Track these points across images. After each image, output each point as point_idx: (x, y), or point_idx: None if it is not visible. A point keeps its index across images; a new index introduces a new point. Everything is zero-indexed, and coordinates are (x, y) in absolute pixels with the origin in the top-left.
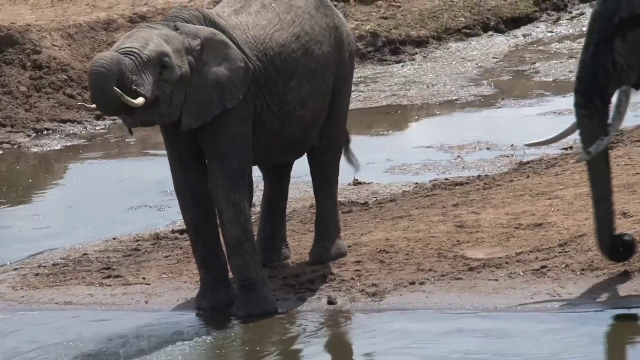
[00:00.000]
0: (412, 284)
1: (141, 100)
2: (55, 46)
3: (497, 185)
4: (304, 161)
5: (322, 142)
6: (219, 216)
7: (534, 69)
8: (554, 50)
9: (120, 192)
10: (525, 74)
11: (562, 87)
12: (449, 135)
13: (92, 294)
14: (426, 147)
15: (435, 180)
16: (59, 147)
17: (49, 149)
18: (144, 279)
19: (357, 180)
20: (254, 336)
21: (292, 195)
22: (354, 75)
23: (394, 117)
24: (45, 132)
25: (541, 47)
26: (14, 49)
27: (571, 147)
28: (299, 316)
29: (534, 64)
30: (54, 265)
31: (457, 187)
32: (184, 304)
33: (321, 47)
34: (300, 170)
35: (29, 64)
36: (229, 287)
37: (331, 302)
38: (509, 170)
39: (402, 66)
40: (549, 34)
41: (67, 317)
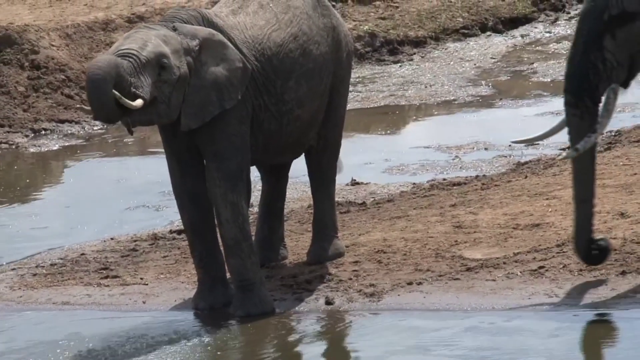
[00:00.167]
0: (409, 284)
1: (140, 102)
2: (53, 46)
3: (495, 185)
4: (302, 161)
5: (320, 142)
6: (217, 216)
7: (532, 69)
8: (552, 50)
9: (118, 193)
10: (523, 74)
11: (560, 88)
12: (446, 135)
13: (90, 294)
14: (424, 147)
15: (433, 180)
16: (56, 147)
17: (47, 149)
18: (142, 279)
19: (355, 180)
20: (252, 336)
21: (290, 195)
22: (351, 75)
23: (392, 117)
24: (43, 132)
25: (539, 48)
26: (12, 49)
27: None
28: (297, 316)
29: (532, 64)
30: (51, 265)
31: (455, 187)
32: (181, 304)
33: (319, 47)
34: (298, 170)
35: (27, 64)
36: (227, 287)
37: (329, 302)
38: (507, 170)
39: (400, 66)
40: (547, 35)
41: (64, 317)
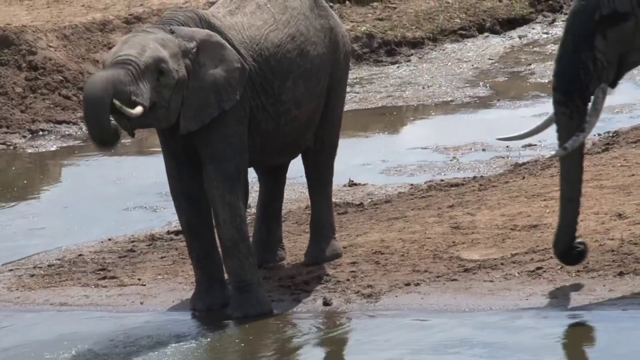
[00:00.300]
0: (407, 285)
1: (139, 109)
2: (50, 47)
3: (493, 186)
4: (299, 162)
5: (317, 143)
6: (214, 217)
7: (530, 70)
8: (550, 51)
9: (115, 194)
10: (520, 75)
11: None
12: (444, 136)
13: (88, 295)
14: (422, 148)
15: (430, 181)
16: (54, 148)
17: (44, 150)
18: (140, 280)
19: (352, 181)
20: (250, 337)
21: (288, 196)
22: (349, 76)
23: (390, 118)
24: (40, 133)
25: (537, 49)
26: (10, 50)
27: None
28: (295, 317)
29: (530, 65)
30: (49, 266)
31: (452, 188)
32: (179, 305)
33: (316, 47)
34: (296, 171)
35: (24, 65)
36: (225, 288)
37: (327, 303)
38: (505, 171)
39: (398, 67)
40: (545, 36)
41: (62, 317)
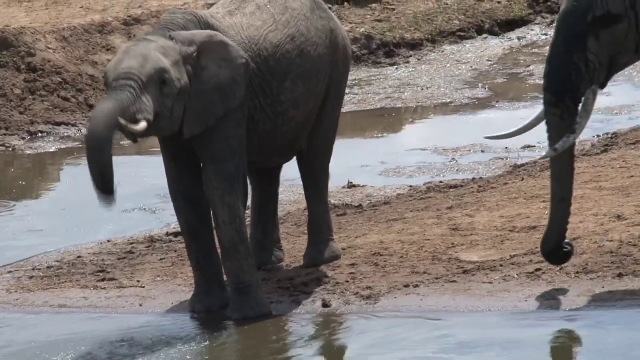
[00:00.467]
0: (406, 286)
1: (143, 125)
2: (49, 49)
3: (492, 187)
4: (296, 163)
5: (313, 146)
6: (214, 218)
7: (528, 71)
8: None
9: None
10: (519, 76)
11: None
12: (443, 137)
13: (87, 296)
14: (420, 149)
15: (429, 182)
16: (53, 149)
17: (43, 152)
18: (138, 281)
19: (351, 182)
20: (248, 339)
21: (286, 198)
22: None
23: (388, 119)
24: (39, 134)
25: (535, 50)
26: (8, 52)
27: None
28: (293, 319)
29: (528, 66)
30: (48, 267)
31: (451, 189)
32: (178, 306)
33: (316, 48)
34: (294, 173)
35: (23, 67)
36: (224, 289)
37: (325, 304)
38: (504, 172)
39: (397, 69)
40: (543, 37)
41: (61, 319)
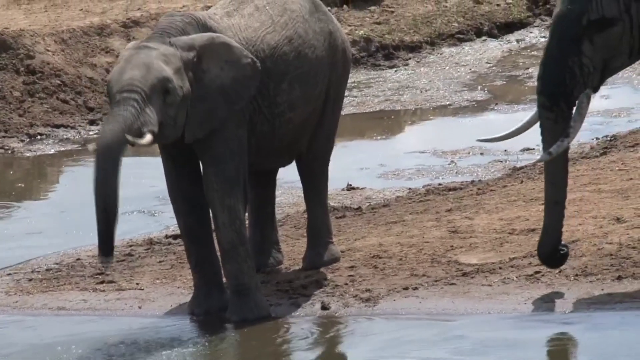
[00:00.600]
0: (405, 289)
1: (149, 138)
2: (48, 51)
3: (491, 190)
4: (295, 165)
5: (312, 148)
6: (213, 220)
7: (528, 74)
8: None
9: None
10: (518, 79)
11: None
12: (442, 140)
13: (86, 299)
14: (420, 152)
15: (428, 185)
16: (52, 151)
17: (42, 154)
18: (138, 284)
19: (350, 185)
20: (247, 342)
21: (285, 200)
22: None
23: (388, 122)
24: (38, 137)
25: (534, 52)
26: (7, 54)
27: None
28: (292, 321)
29: (528, 69)
30: (47, 270)
31: (450, 192)
32: (177, 309)
33: (314, 51)
34: (293, 175)
35: (22, 69)
36: (223, 292)
37: (325, 307)
38: (503, 175)
39: (396, 71)
40: (543, 39)
41: (60, 322)
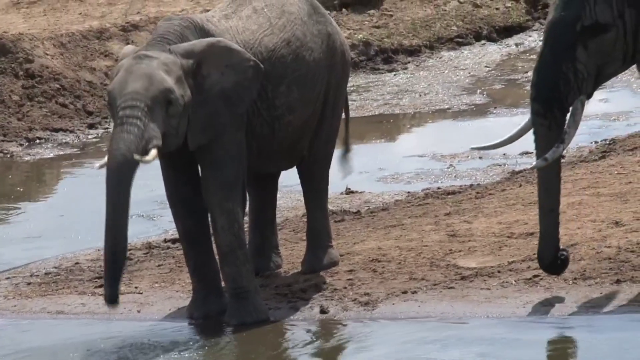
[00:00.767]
0: (404, 293)
1: (154, 153)
2: (47, 55)
3: (490, 194)
4: (295, 170)
5: (312, 152)
6: (212, 224)
7: (527, 77)
8: None
9: None
10: (517, 82)
11: None
12: (441, 144)
13: (85, 303)
14: (418, 156)
15: (427, 189)
16: (51, 155)
17: (41, 158)
18: (137, 288)
19: (349, 189)
20: (246, 345)
21: (284, 204)
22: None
23: (387, 126)
24: (37, 141)
25: (533, 56)
26: (7, 58)
27: (564, 157)
28: (291, 325)
29: (526, 72)
30: (46, 274)
31: (449, 196)
32: (176, 313)
33: (312, 53)
34: (292, 179)
35: (21, 73)
36: (221, 296)
37: (323, 311)
38: (502, 179)
39: (395, 75)
40: (541, 43)
41: (58, 326)
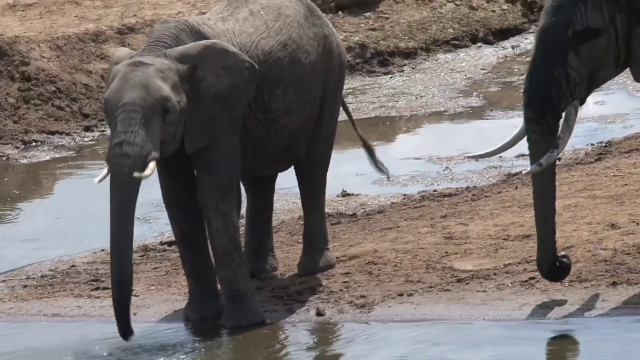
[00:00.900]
0: (400, 295)
1: (153, 165)
2: (43, 58)
3: (486, 196)
4: (292, 172)
5: (310, 154)
6: (207, 226)
7: (523, 80)
8: None
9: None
10: (513, 85)
11: None
12: (437, 146)
13: (81, 305)
14: (415, 158)
15: (423, 191)
16: (47, 158)
17: (37, 161)
18: (132, 290)
19: (345, 191)
20: (242, 348)
21: (281, 206)
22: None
23: (383, 128)
24: (33, 143)
25: (529, 59)
26: (2, 61)
27: (560, 159)
28: (287, 328)
29: (523, 75)
30: (42, 277)
31: (445, 198)
32: (172, 315)
33: (308, 56)
34: (288, 181)
35: (17, 76)
36: (218, 298)
37: (320, 313)
38: (498, 181)
39: (391, 78)
40: None
41: (55, 328)
